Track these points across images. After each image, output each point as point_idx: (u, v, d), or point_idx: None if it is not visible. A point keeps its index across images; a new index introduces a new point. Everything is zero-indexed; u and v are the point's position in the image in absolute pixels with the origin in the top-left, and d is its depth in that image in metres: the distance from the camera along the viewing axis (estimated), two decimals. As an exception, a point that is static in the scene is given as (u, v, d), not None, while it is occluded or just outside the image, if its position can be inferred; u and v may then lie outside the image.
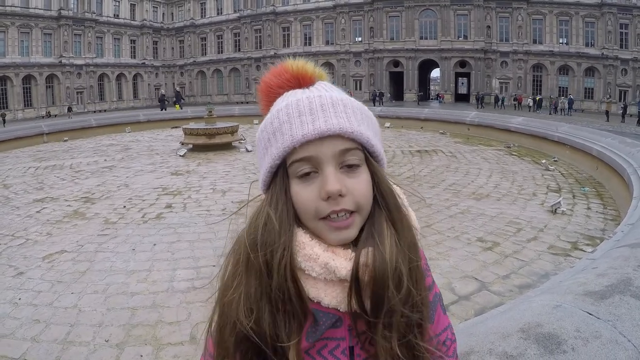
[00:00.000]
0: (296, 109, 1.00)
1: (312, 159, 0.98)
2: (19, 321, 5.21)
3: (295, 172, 1.00)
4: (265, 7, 71.99)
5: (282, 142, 0.99)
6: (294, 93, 1.08)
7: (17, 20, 57.58)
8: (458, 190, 11.01)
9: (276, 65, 1.16)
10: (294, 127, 0.98)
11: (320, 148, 0.98)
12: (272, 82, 1.13)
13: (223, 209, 9.70)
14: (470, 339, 2.26)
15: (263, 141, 1.06)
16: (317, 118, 0.98)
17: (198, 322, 5.04)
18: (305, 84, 1.11)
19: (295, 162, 0.99)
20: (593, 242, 7.30)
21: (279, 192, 1.01)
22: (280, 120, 1.01)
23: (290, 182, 1.01)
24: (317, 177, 0.99)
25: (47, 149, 20.11)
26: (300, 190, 0.99)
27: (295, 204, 1.00)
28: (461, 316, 5.08)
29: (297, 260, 0.99)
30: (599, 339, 2.20)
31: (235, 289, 0.99)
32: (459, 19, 62.53)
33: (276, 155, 1.01)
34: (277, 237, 0.97)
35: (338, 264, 0.98)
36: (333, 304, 1.00)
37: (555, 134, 15.85)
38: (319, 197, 0.97)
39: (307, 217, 1.00)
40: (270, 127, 1.04)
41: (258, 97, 1.18)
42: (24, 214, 9.78)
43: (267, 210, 1.00)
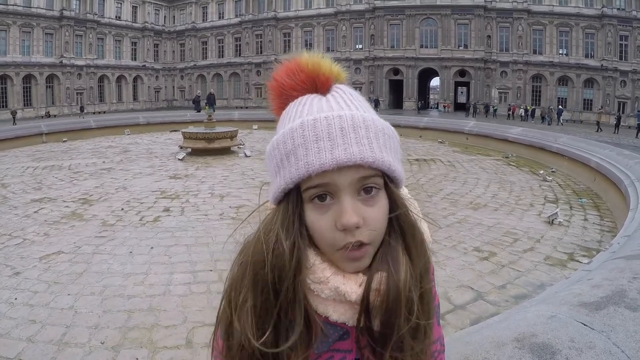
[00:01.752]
0: (313, 132, 0.92)
1: (329, 185, 0.92)
2: (14, 321, 5.20)
3: (309, 197, 0.94)
4: (266, 13, 72.24)
5: (296, 168, 0.92)
6: (310, 102, 1.00)
7: (19, 19, 57.75)
8: (456, 200, 11.03)
9: (290, 60, 1.08)
10: (310, 153, 0.91)
11: (338, 177, 0.91)
12: (285, 82, 1.05)
13: (221, 213, 9.70)
14: (466, 348, 2.27)
15: (274, 159, 0.98)
16: (336, 145, 0.91)
17: (194, 326, 5.04)
18: (322, 87, 1.03)
19: (310, 189, 0.93)
20: (589, 254, 7.31)
21: (292, 215, 0.95)
22: (295, 143, 0.93)
23: (305, 207, 0.95)
24: (333, 205, 0.93)
25: (45, 149, 20.09)
26: (315, 219, 0.94)
27: (311, 230, 0.95)
28: (457, 325, 5.09)
29: (307, 282, 0.96)
30: (593, 350, 2.22)
31: (242, 304, 0.95)
32: (459, 28, 62.84)
33: (289, 180, 0.93)
34: (286, 263, 0.92)
35: (348, 289, 0.95)
36: (341, 320, 0.98)
37: (553, 145, 15.89)
38: (335, 227, 0.92)
39: (323, 246, 0.95)
40: (284, 147, 0.95)
41: (269, 96, 1.10)
42: (22, 214, 9.76)
43: (277, 231, 0.94)
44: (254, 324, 0.93)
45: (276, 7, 72.18)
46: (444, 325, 5.52)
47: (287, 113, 1.02)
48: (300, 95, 1.03)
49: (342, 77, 1.10)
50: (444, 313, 5.48)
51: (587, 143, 15.35)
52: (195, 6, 79.81)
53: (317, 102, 1.00)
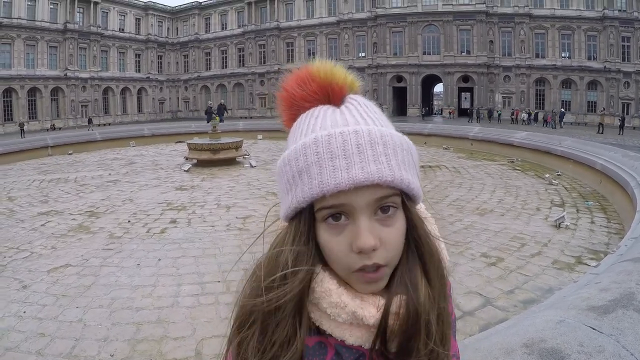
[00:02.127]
0: (327, 149, 0.87)
1: (345, 206, 0.87)
2: (23, 334, 5.22)
3: (323, 217, 0.89)
4: (269, 23, 72.51)
5: (309, 187, 0.87)
6: (323, 115, 0.96)
7: (23, 32, 58.16)
8: (462, 206, 11.02)
9: (300, 68, 1.02)
10: (324, 172, 0.86)
11: (355, 197, 0.87)
12: (296, 92, 1.00)
13: (227, 224, 9.71)
14: (475, 355, 2.28)
15: (285, 176, 0.93)
16: (352, 164, 0.85)
17: (203, 338, 5.05)
18: (335, 98, 0.99)
19: (324, 209, 0.88)
20: (597, 256, 7.29)
21: (303, 234, 0.91)
22: (308, 161, 0.88)
23: (319, 226, 0.91)
24: (349, 225, 0.88)
25: (51, 162, 20.18)
26: (329, 240, 0.89)
27: (324, 251, 0.91)
28: (465, 332, 5.07)
29: (323, 307, 0.92)
30: (602, 353, 2.22)
31: (251, 325, 0.92)
32: (461, 34, 62.91)
33: (302, 199, 0.89)
34: (292, 284, 0.89)
35: (366, 313, 0.90)
36: (357, 343, 0.93)
37: (558, 149, 15.87)
38: (350, 249, 0.88)
39: (337, 267, 0.91)
40: (296, 164, 0.90)
41: (279, 107, 1.05)
42: (29, 227, 9.80)
43: (287, 253, 0.91)
44: (257, 349, 0.91)
45: (279, 17, 72.43)
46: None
47: (299, 126, 0.98)
48: (312, 106, 0.99)
49: (357, 86, 1.06)
50: (452, 319, 5.47)
51: (592, 145, 15.31)
52: (198, 17, 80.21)
53: (331, 114, 0.95)
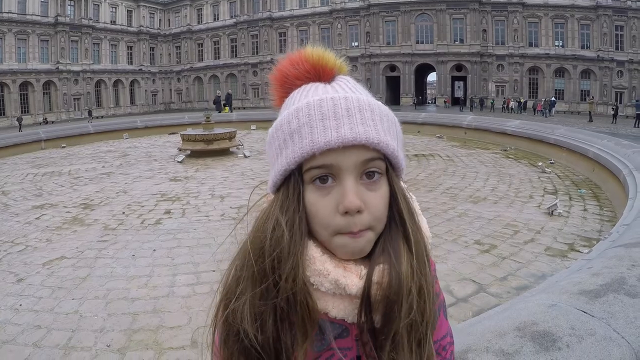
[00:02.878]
0: (319, 111, 0.91)
1: (332, 167, 0.91)
2: (20, 327, 5.22)
3: (311, 178, 0.92)
4: (261, 13, 72.26)
5: (300, 146, 0.90)
6: (314, 88, 1.00)
7: (14, 26, 57.78)
8: (455, 194, 11.05)
9: (294, 53, 1.08)
10: (315, 131, 0.90)
11: (342, 157, 0.90)
12: (289, 71, 1.04)
13: (222, 214, 9.71)
14: (468, 338, 2.30)
15: (277, 140, 0.96)
16: (341, 124, 0.90)
17: (199, 327, 5.07)
18: (326, 77, 1.04)
19: (312, 169, 0.91)
20: (589, 243, 7.34)
21: (291, 197, 0.93)
22: (300, 122, 0.92)
23: (305, 188, 0.93)
24: (335, 187, 0.92)
25: (45, 155, 20.09)
26: (316, 201, 0.92)
27: (310, 214, 0.93)
28: (459, 318, 5.11)
29: (306, 274, 0.93)
30: (593, 336, 2.25)
31: (240, 296, 0.94)
32: (455, 23, 62.92)
33: (292, 160, 0.91)
34: (286, 245, 0.90)
35: (349, 282, 0.93)
36: (340, 316, 0.95)
37: (551, 137, 15.90)
38: (336, 210, 0.90)
39: (322, 229, 0.93)
40: (287, 127, 0.94)
41: (271, 87, 1.08)
42: (23, 221, 9.78)
43: (276, 215, 0.93)
44: (252, 316, 0.92)
45: (271, 7, 72.18)
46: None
47: (291, 98, 1.02)
48: (303, 84, 1.04)
49: (345, 69, 1.10)
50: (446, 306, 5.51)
51: (585, 134, 15.36)
52: (190, 8, 79.81)
53: (322, 87, 1.00)
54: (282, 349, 0.92)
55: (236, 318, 0.93)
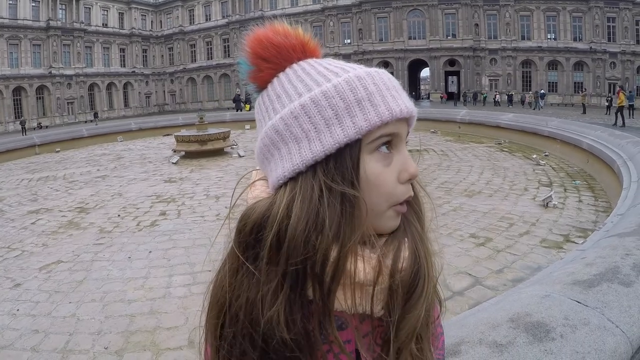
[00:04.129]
0: (382, 82, 0.88)
1: (397, 135, 0.89)
2: (18, 332, 5.23)
3: (377, 146, 0.87)
4: (253, 12, 72.03)
5: (375, 113, 0.85)
6: (331, 62, 0.95)
7: (6, 31, 57.42)
8: (450, 188, 11.07)
9: (274, 23, 1.00)
10: (387, 99, 0.87)
11: (401, 126, 0.89)
12: (283, 41, 0.96)
13: (217, 214, 9.72)
14: (461, 330, 2.31)
15: (331, 109, 0.86)
16: (402, 97, 0.89)
17: (196, 327, 5.06)
18: (317, 54, 1.00)
19: (382, 136, 0.86)
20: (585, 234, 7.37)
21: (351, 170, 0.85)
22: (369, 90, 0.86)
23: (366, 160, 0.86)
24: (394, 156, 0.89)
25: (39, 160, 20.08)
26: (382, 171, 0.87)
27: (373, 184, 0.86)
28: (455, 311, 5.11)
29: None
30: (587, 326, 2.26)
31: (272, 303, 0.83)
32: (447, 18, 62.82)
33: (363, 127, 0.84)
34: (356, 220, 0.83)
35: (358, 267, 0.85)
36: (341, 308, 0.87)
37: (545, 129, 15.94)
38: (398, 180, 0.88)
39: (383, 201, 0.87)
40: (352, 94, 0.85)
41: (251, 57, 0.98)
42: (19, 226, 9.77)
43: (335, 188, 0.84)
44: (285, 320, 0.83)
45: (262, 6, 72.01)
46: (442, 312, 5.55)
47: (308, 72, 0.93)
48: (299, 57, 0.97)
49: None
50: (441, 300, 5.53)
51: (579, 125, 15.42)
52: (181, 9, 79.55)
53: (339, 62, 0.96)
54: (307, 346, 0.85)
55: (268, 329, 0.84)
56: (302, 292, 0.84)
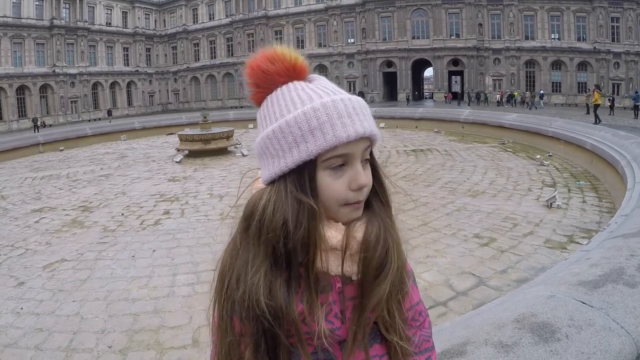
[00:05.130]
0: (335, 111, 1.09)
1: (348, 155, 1.10)
2: (22, 330, 5.24)
3: (329, 165, 1.10)
4: (257, 11, 72.06)
5: (323, 140, 1.07)
6: (306, 88, 1.16)
7: (10, 30, 57.52)
8: (454, 188, 11.06)
9: (266, 49, 1.22)
10: (337, 127, 1.08)
11: (355, 147, 1.10)
12: (269, 68, 1.17)
13: (221, 213, 9.72)
14: (466, 330, 2.31)
15: (291, 136, 1.11)
16: (354, 121, 1.10)
17: (200, 326, 5.08)
18: (302, 75, 1.19)
19: (333, 158, 1.09)
20: (589, 235, 7.34)
21: (307, 181, 1.10)
22: (320, 120, 1.08)
23: (319, 174, 1.10)
24: (347, 170, 1.11)
25: (43, 159, 20.13)
26: (331, 182, 1.10)
27: (325, 192, 1.11)
28: (459, 311, 5.12)
29: None
30: (593, 327, 2.26)
31: (254, 273, 1.09)
32: (450, 18, 62.71)
33: (312, 151, 1.08)
34: (312, 221, 1.08)
35: (330, 234, 1.11)
36: (325, 268, 1.11)
37: (549, 129, 15.91)
38: (349, 188, 1.10)
39: (333, 203, 1.11)
40: (306, 124, 1.09)
41: (249, 83, 1.22)
42: (23, 224, 9.79)
43: (295, 195, 1.09)
44: (266, 287, 1.08)
45: (266, 5, 71.99)
46: (445, 312, 5.59)
47: (284, 97, 1.16)
48: (284, 81, 1.18)
49: (310, 69, 1.25)
50: (445, 300, 5.54)
51: (583, 126, 15.38)
52: (185, 8, 79.58)
53: (315, 88, 1.16)
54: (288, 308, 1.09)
55: (249, 294, 1.08)
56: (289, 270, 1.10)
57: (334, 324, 1.14)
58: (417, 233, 7.88)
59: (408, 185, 11.38)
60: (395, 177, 12.55)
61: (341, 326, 1.15)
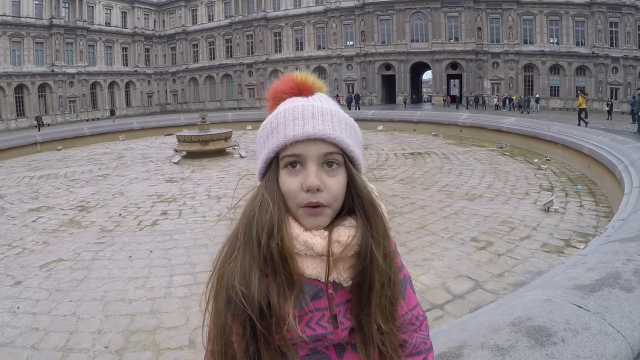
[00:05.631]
0: (292, 114, 1.20)
1: (300, 156, 1.18)
2: (18, 330, 5.23)
3: (284, 164, 1.20)
4: (256, 13, 72.06)
5: (276, 139, 1.19)
6: (294, 100, 1.27)
7: (9, 29, 57.44)
8: (451, 192, 11.07)
9: (284, 74, 1.34)
10: (287, 128, 1.18)
11: (307, 148, 1.18)
12: (278, 87, 1.31)
13: (218, 214, 9.72)
14: (463, 334, 2.32)
15: (262, 137, 1.26)
16: (306, 123, 1.18)
17: (197, 327, 5.07)
18: (306, 92, 1.29)
19: (286, 157, 1.19)
20: (586, 239, 7.35)
21: (272, 179, 1.21)
22: (278, 121, 1.21)
23: (280, 173, 1.21)
24: (302, 171, 1.18)
25: (41, 158, 20.10)
26: (286, 180, 1.19)
27: (283, 189, 1.20)
28: (456, 315, 5.12)
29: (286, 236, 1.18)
30: (589, 331, 2.27)
31: (234, 260, 1.20)
32: (449, 21, 62.78)
33: (271, 149, 1.21)
34: (271, 213, 1.17)
35: (314, 241, 1.18)
36: (314, 275, 1.19)
37: (547, 133, 15.94)
38: (301, 188, 1.17)
39: (290, 202, 1.20)
40: (269, 125, 1.24)
41: (266, 101, 1.35)
42: (20, 224, 9.78)
43: (262, 192, 1.22)
44: (241, 273, 1.16)
45: (265, 7, 71.98)
46: (442, 315, 5.60)
47: (279, 107, 1.27)
48: (289, 97, 1.30)
49: (324, 90, 1.35)
50: (442, 303, 5.54)
51: (580, 130, 15.42)
52: (184, 9, 79.58)
53: (301, 99, 1.27)
54: (269, 304, 1.15)
55: (227, 276, 1.19)
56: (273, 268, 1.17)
57: (327, 329, 1.21)
58: (414, 236, 7.89)
59: (405, 188, 11.39)
60: (393, 179, 12.57)
61: (333, 330, 1.21)
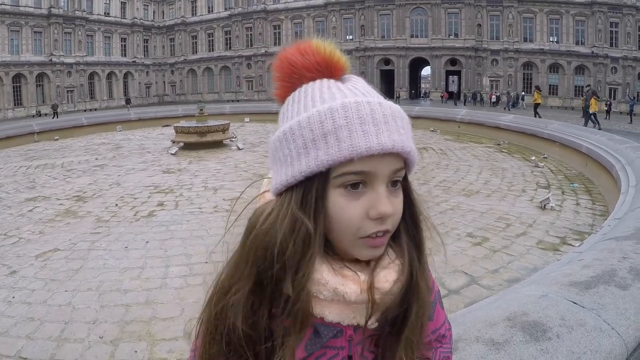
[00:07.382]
0: (357, 114, 0.87)
1: (368, 174, 0.88)
2: (13, 319, 5.22)
3: (343, 182, 0.88)
4: (256, 5, 71.92)
5: (337, 149, 0.86)
6: (332, 86, 0.96)
7: (7, 18, 57.25)
8: (448, 187, 11.08)
9: (302, 42, 1.02)
10: (354, 135, 0.86)
11: (379, 164, 0.88)
12: (297, 60, 0.98)
13: (215, 206, 9.72)
14: (459, 328, 2.32)
15: (301, 139, 0.90)
16: (380, 131, 0.87)
17: (192, 318, 5.07)
18: (337, 72, 0.99)
19: (347, 174, 0.87)
20: (581, 237, 7.36)
21: (313, 199, 0.89)
22: (337, 124, 0.87)
23: (331, 193, 0.89)
24: (366, 192, 0.89)
25: (38, 148, 20.03)
26: (346, 205, 0.89)
27: (336, 217, 0.90)
28: (451, 310, 5.11)
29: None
30: (584, 327, 2.27)
31: (235, 292, 0.93)
32: (449, 17, 62.78)
33: (324, 162, 0.87)
34: (303, 246, 0.89)
35: (347, 290, 0.92)
36: (336, 320, 0.95)
37: (545, 131, 15.96)
38: (366, 216, 0.89)
39: (347, 233, 0.91)
40: (319, 127, 0.88)
41: (275, 77, 1.02)
42: (16, 213, 9.76)
43: (296, 215, 0.89)
44: (245, 312, 0.93)
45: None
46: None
47: (305, 95, 0.96)
48: (312, 76, 0.98)
49: (349, 68, 1.03)
50: (438, 298, 5.54)
51: (578, 129, 15.44)
52: (184, 0, 79.30)
53: (344, 87, 0.95)
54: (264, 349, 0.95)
55: (228, 313, 0.94)
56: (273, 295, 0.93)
57: None
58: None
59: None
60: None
61: None
